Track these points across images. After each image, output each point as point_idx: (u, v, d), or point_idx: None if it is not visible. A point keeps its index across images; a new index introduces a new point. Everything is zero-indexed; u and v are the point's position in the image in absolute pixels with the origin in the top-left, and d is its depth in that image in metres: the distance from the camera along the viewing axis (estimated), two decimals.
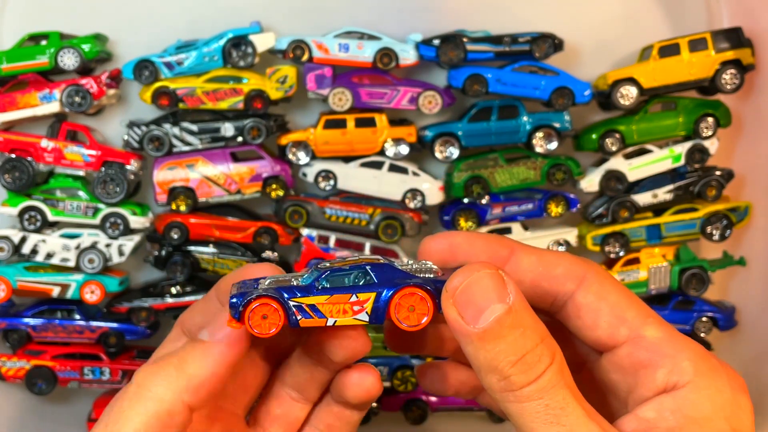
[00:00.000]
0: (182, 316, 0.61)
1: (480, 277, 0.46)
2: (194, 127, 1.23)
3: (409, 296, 0.47)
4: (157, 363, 0.49)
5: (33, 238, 1.24)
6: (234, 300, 0.48)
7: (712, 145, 1.26)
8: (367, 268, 0.47)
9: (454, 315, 0.46)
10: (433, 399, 1.28)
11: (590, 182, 1.27)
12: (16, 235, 1.23)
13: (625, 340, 0.49)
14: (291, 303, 0.47)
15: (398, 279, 0.48)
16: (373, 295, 0.47)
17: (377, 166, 1.26)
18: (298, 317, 0.47)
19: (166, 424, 0.47)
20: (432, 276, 0.49)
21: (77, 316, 1.27)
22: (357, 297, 0.47)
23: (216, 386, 0.50)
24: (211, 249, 1.27)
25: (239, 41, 1.21)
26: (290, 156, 1.25)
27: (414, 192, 1.25)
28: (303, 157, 1.25)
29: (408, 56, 1.22)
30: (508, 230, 1.29)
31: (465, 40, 1.21)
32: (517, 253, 0.53)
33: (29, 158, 1.22)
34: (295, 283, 0.48)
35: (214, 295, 0.59)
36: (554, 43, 1.22)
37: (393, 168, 1.26)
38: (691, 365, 0.47)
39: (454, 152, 1.24)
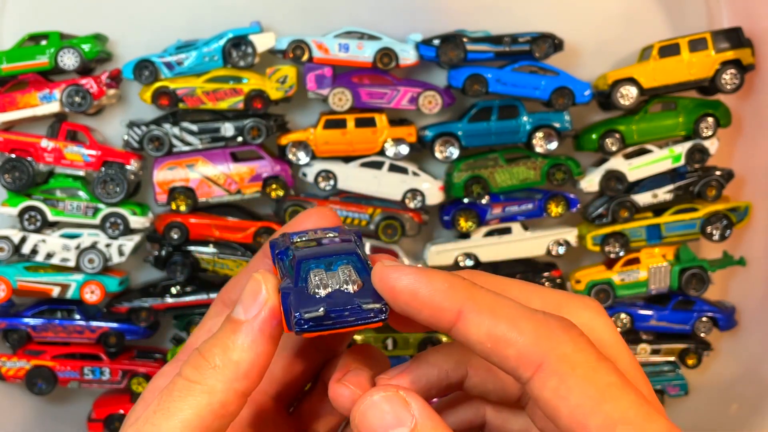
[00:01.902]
0: (223, 290, 0.56)
1: (373, 403, 0.42)
2: (194, 127, 1.23)
3: None
4: (202, 354, 0.46)
5: (33, 238, 1.23)
6: (271, 243, 0.51)
7: (712, 145, 1.26)
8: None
9: None
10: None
11: (590, 182, 1.27)
12: (16, 235, 1.23)
13: None
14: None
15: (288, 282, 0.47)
16: None
17: (377, 166, 1.26)
18: None
19: (221, 414, 0.45)
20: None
21: (77, 316, 1.27)
22: None
23: (266, 364, 0.47)
24: (211, 249, 1.27)
25: (239, 41, 1.21)
26: (290, 156, 1.25)
27: (414, 192, 1.25)
28: (303, 157, 1.25)
29: (408, 56, 1.22)
30: (508, 230, 1.29)
31: (465, 40, 1.21)
32: (465, 317, 0.42)
33: (29, 158, 1.22)
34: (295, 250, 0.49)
35: (261, 257, 0.54)
36: (554, 43, 1.22)
37: (393, 168, 1.26)
38: None
39: (454, 152, 1.24)
